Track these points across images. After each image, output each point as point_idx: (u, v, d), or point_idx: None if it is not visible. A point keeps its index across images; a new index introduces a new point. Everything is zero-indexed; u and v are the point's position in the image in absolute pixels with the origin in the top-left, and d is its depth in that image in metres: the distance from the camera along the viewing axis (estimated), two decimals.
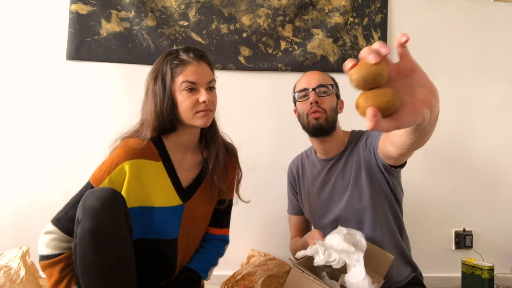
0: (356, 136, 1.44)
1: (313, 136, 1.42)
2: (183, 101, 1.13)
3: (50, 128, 1.91)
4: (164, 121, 1.14)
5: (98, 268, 0.98)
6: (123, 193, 1.13)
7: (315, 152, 1.52)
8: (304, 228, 1.63)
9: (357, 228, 1.27)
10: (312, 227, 1.58)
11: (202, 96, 1.13)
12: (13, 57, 1.91)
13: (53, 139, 1.91)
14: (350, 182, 1.36)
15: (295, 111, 1.50)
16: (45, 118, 1.91)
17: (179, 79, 1.13)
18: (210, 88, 1.18)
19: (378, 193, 1.33)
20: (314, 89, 1.37)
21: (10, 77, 1.91)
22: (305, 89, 1.39)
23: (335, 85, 1.45)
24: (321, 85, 1.37)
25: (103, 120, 1.92)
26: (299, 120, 1.46)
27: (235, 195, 1.36)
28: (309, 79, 1.40)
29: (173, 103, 1.14)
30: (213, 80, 1.19)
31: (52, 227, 1.10)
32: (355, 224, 1.33)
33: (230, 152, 1.33)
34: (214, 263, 1.34)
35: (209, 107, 1.16)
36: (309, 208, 1.50)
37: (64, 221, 1.10)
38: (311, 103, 1.36)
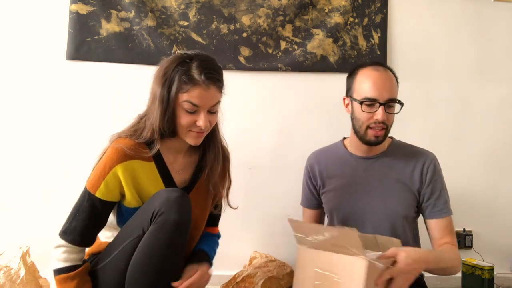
0: (401, 150, 1.41)
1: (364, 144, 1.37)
2: (181, 117, 1.11)
3: (50, 128, 1.91)
4: (164, 127, 1.13)
5: (166, 261, 1.03)
6: (127, 195, 1.14)
7: (344, 147, 1.47)
8: (316, 222, 1.57)
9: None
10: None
11: (200, 120, 1.11)
12: (13, 57, 1.90)
13: (53, 139, 1.90)
14: (386, 188, 1.36)
15: (344, 99, 1.42)
16: (44, 118, 1.91)
17: (183, 96, 1.09)
18: (212, 110, 1.15)
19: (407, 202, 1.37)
20: (383, 104, 1.26)
21: (10, 77, 1.90)
22: (374, 100, 1.27)
23: (398, 86, 1.37)
24: (391, 100, 1.28)
25: (104, 121, 1.92)
26: (352, 118, 1.37)
27: (224, 200, 1.35)
28: (381, 89, 1.27)
29: (174, 114, 1.12)
30: (218, 102, 1.16)
31: (61, 241, 1.12)
32: (372, 223, 1.35)
33: (224, 158, 1.32)
34: (215, 251, 1.36)
35: (204, 129, 1.14)
36: (334, 201, 1.44)
37: (70, 232, 1.11)
38: (376, 119, 1.28)
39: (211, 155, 1.25)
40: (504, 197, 2.02)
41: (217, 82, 1.13)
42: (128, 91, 1.92)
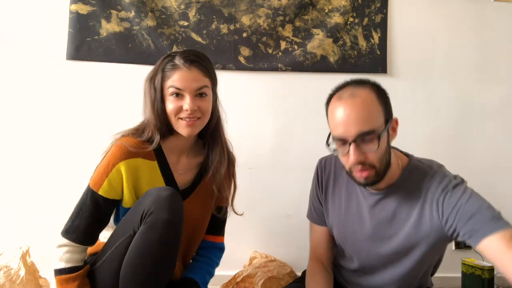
0: (413, 176, 1.10)
1: None
2: (169, 105, 1.13)
3: (50, 129, 1.91)
4: (160, 123, 1.14)
5: (158, 260, 1.03)
6: (125, 194, 1.13)
7: None
8: (325, 242, 1.29)
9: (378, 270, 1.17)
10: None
11: (186, 104, 1.11)
12: (13, 57, 1.90)
13: (53, 140, 1.90)
14: (395, 230, 1.11)
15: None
16: (45, 119, 1.91)
17: (168, 84, 1.12)
18: (201, 95, 1.14)
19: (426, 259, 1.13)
20: (354, 141, 0.99)
21: (10, 78, 1.90)
22: (341, 139, 1.02)
23: (384, 106, 1.04)
24: (363, 134, 0.98)
25: (104, 121, 1.91)
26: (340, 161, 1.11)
27: (229, 205, 1.34)
28: (346, 124, 0.99)
29: (163, 107, 1.14)
30: (205, 86, 1.14)
31: (63, 240, 1.11)
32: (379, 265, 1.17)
33: (228, 161, 1.30)
34: (213, 274, 1.34)
35: (196, 115, 1.13)
36: (337, 233, 1.24)
37: (73, 231, 1.11)
38: (352, 162, 1.01)
39: (215, 156, 1.24)
40: (504, 197, 2.01)
41: (199, 65, 1.13)
42: (128, 91, 1.92)
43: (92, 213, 1.11)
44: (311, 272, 1.26)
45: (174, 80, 1.11)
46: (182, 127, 1.14)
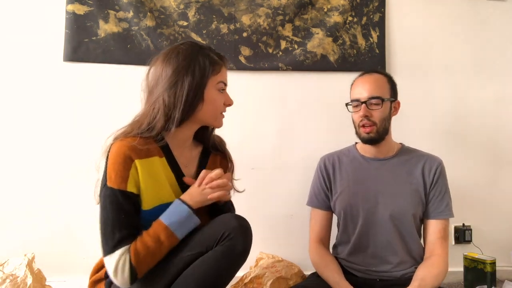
0: (410, 154, 1.48)
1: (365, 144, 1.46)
2: (215, 99, 1.14)
3: (47, 132, 1.87)
4: (183, 114, 1.10)
5: (218, 283, 1.02)
6: (142, 194, 1.07)
7: (356, 150, 1.53)
8: (327, 225, 1.54)
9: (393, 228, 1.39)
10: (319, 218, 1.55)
11: (230, 100, 1.19)
12: (8, 59, 1.86)
13: (50, 143, 1.86)
14: (397, 187, 1.42)
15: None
16: (41, 121, 1.86)
17: (217, 78, 1.14)
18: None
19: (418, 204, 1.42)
20: (364, 102, 1.38)
21: (5, 80, 1.86)
22: (356, 100, 1.41)
23: (391, 87, 1.44)
24: (372, 98, 1.38)
25: (102, 123, 1.88)
26: (352, 122, 1.48)
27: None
28: (361, 89, 1.41)
29: (201, 99, 1.12)
30: None
31: (118, 252, 1.01)
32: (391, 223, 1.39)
33: (221, 148, 1.30)
34: None
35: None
36: (346, 200, 1.46)
37: (120, 243, 1.01)
38: (361, 116, 1.39)
39: (212, 143, 1.27)
40: (501, 192, 2.06)
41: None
42: (127, 92, 1.89)
43: (133, 211, 1.04)
44: (319, 257, 1.46)
45: (224, 75, 1.17)
46: (220, 119, 1.21)
